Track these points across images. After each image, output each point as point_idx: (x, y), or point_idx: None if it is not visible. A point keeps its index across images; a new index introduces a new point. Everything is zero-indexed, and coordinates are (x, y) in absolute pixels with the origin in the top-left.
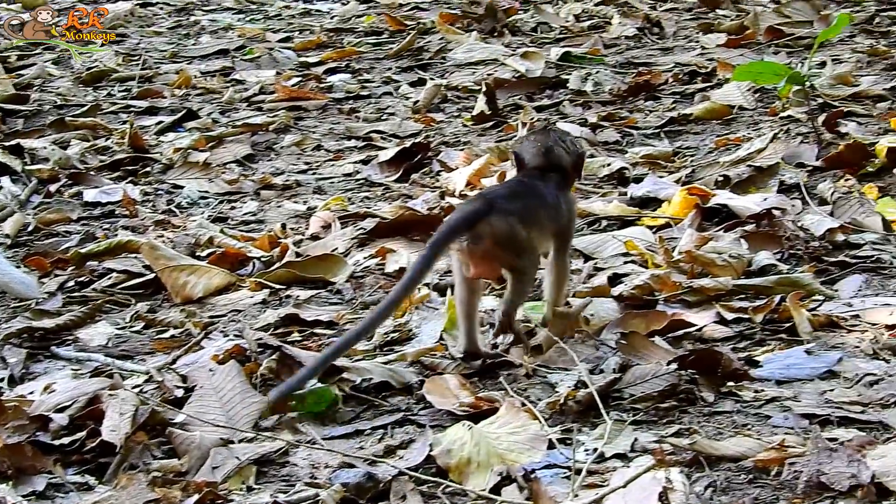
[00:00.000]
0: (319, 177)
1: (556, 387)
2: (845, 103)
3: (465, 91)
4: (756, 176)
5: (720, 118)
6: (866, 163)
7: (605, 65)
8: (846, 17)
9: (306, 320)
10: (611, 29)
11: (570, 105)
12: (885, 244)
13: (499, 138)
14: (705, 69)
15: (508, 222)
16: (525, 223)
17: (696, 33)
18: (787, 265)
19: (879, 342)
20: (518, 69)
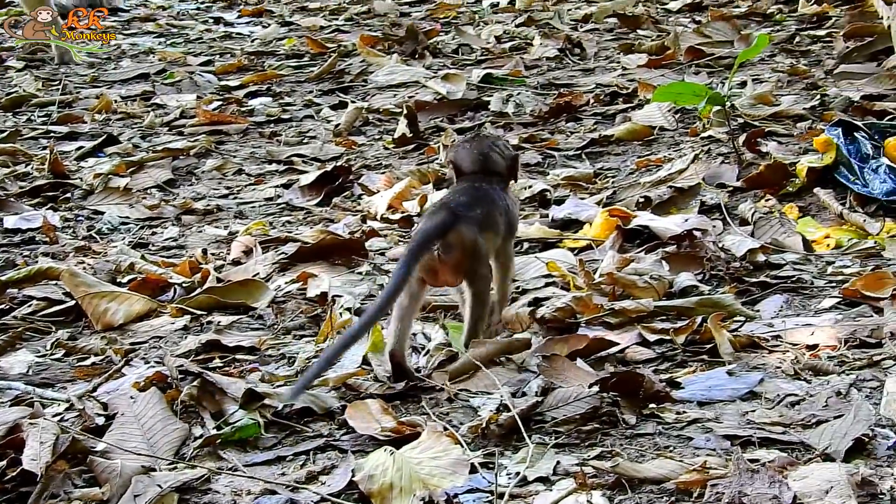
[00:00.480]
0: (240, 201)
1: (479, 411)
2: (766, 123)
3: (387, 114)
4: (677, 197)
5: (641, 139)
6: (787, 183)
7: (526, 86)
8: (766, 38)
9: (227, 346)
10: (532, 50)
11: (492, 127)
12: (806, 264)
13: (420, 161)
14: (626, 90)
15: (475, 231)
16: (485, 230)
17: (616, 54)
18: (708, 286)
19: (800, 362)
20: (439, 91)
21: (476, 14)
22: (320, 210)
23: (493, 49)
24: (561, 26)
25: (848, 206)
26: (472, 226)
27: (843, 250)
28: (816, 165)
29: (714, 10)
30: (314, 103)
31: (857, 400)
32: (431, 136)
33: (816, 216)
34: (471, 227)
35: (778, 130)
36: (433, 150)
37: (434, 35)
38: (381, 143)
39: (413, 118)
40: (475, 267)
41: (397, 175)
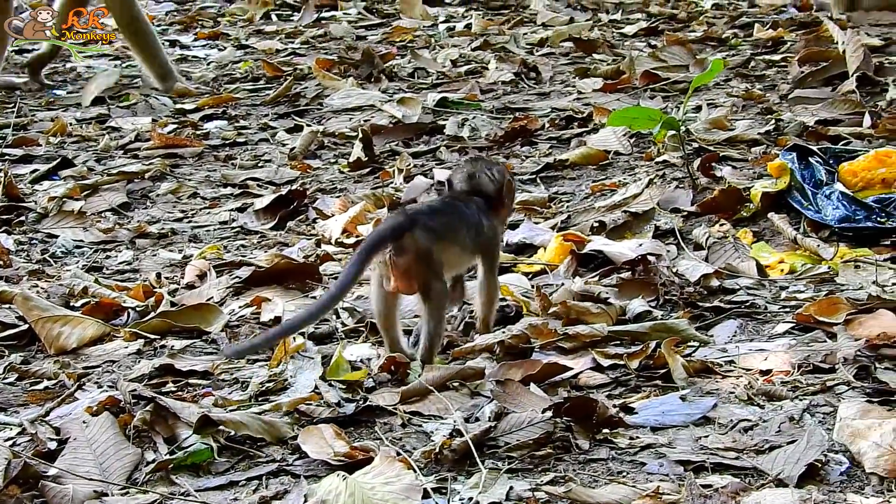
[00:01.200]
0: (195, 225)
1: (432, 436)
2: (720, 148)
3: (342, 137)
4: (631, 221)
5: (596, 163)
6: (741, 208)
7: (481, 110)
8: (720, 63)
9: (181, 371)
10: (488, 74)
11: (447, 151)
12: (760, 289)
13: (375, 185)
14: (581, 114)
15: (430, 239)
16: (442, 239)
17: (572, 78)
18: (661, 311)
19: (754, 388)
20: (395, 115)
21: (432, 38)
22: (275, 234)
23: (449, 73)
24: (517, 50)
25: (802, 232)
26: (426, 232)
27: (796, 276)
28: (771, 190)
29: (670, 34)
30: (269, 127)
31: (810, 425)
32: (387, 159)
33: (770, 241)
34: (425, 234)
35: (732, 155)
36: (388, 174)
37: (390, 59)
38: (337, 167)
39: (368, 142)
40: (428, 277)
41: (352, 199)
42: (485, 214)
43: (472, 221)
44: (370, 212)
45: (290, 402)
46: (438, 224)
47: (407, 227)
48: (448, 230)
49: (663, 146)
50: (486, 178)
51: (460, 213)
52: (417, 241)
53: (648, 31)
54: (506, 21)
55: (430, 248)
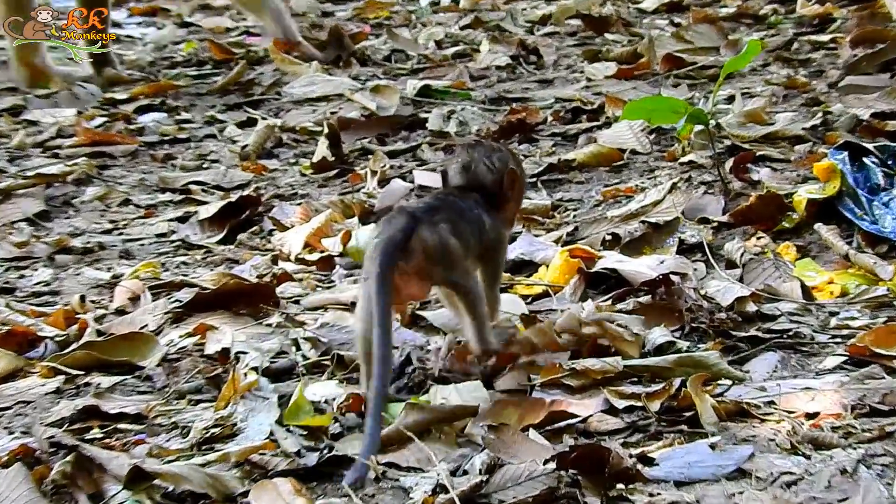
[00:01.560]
0: (127, 238)
1: (411, 492)
2: (757, 145)
3: (304, 133)
4: (651, 234)
5: (609, 164)
6: (782, 217)
7: (471, 100)
8: (758, 44)
9: (109, 413)
10: (479, 58)
11: (430, 149)
12: (805, 315)
13: (344, 190)
14: (591, 105)
15: (438, 233)
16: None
17: (580, 62)
18: (687, 342)
19: (798, 434)
20: (368, 106)
21: (412, 14)
22: (223, 249)
23: (433, 56)
24: (514, 29)
25: (855, 246)
26: (434, 228)
27: (849, 299)
28: (817, 197)
29: (696, 10)
30: (217, 120)
31: (866, 479)
32: (357, 159)
33: (817, 258)
34: (434, 229)
35: (772, 154)
36: (359, 176)
37: (362, 39)
38: (297, 169)
39: (335, 138)
40: (448, 269)
41: (315, 207)
42: (486, 212)
43: (471, 216)
44: (337, 222)
45: (240, 452)
46: (444, 219)
47: (412, 227)
48: (455, 228)
49: (689, 144)
50: (485, 169)
51: (458, 209)
52: (425, 240)
53: (671, 7)
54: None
55: (440, 242)
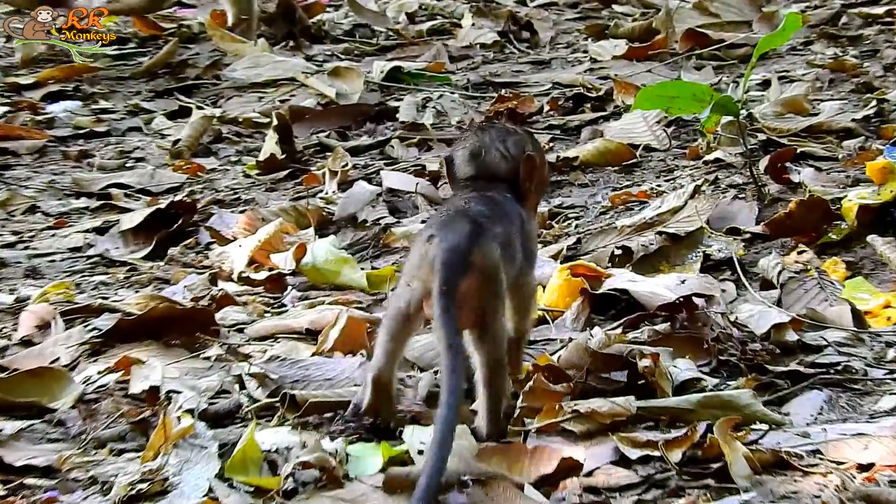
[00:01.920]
0: (33, 253)
1: None
2: (798, 140)
3: (249, 125)
4: (670, 247)
5: (618, 163)
6: (828, 227)
7: (451, 86)
8: (798, 17)
9: (13, 466)
10: (460, 34)
11: (401, 145)
12: (857, 346)
13: (297, 194)
14: (596, 92)
15: (496, 248)
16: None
17: (582, 40)
18: (714, 378)
19: (849, 489)
20: (326, 93)
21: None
22: (150, 266)
23: (405, 32)
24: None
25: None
26: (496, 245)
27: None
28: (871, 202)
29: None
30: (142, 109)
31: None
32: (313, 157)
33: (871, 276)
34: (495, 246)
35: (816, 151)
36: (315, 178)
37: (319, 11)
38: (240, 169)
39: (286, 132)
40: (492, 308)
41: (263, 215)
42: (523, 210)
43: (518, 225)
44: (289, 233)
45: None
46: (500, 234)
47: (477, 235)
48: (508, 244)
49: (715, 138)
50: (498, 155)
51: (508, 216)
52: (486, 255)
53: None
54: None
55: (499, 264)
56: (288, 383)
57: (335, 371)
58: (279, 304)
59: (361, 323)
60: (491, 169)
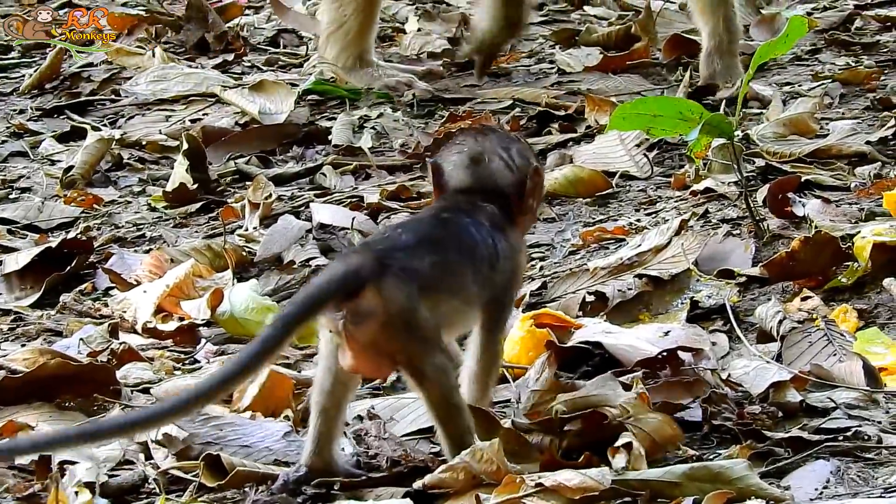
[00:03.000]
0: None
1: None
2: (803, 167)
3: (154, 149)
4: (652, 293)
5: (591, 194)
6: (838, 269)
7: (393, 103)
8: (802, 22)
9: None
10: (404, 41)
11: (335, 171)
12: (870, 408)
13: (211, 231)
14: (565, 109)
15: (409, 292)
16: (430, 292)
17: (549, 47)
18: (703, 446)
19: None
20: (246, 110)
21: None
22: (39, 315)
23: None
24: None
25: None
26: (403, 282)
27: None
28: (888, 240)
29: None
30: (28, 131)
31: None
32: (230, 187)
33: (888, 327)
34: (401, 285)
35: (824, 180)
36: (233, 211)
37: (236, 15)
38: (145, 201)
39: (199, 157)
40: (412, 350)
41: (171, 255)
42: (501, 231)
43: (482, 253)
44: (202, 277)
45: None
46: (424, 266)
47: (368, 273)
48: (441, 274)
49: (705, 165)
50: (502, 165)
51: (460, 240)
52: (387, 298)
53: None
54: None
55: (412, 307)
56: (198, 444)
57: (255, 436)
58: (191, 360)
59: (286, 380)
60: (492, 180)
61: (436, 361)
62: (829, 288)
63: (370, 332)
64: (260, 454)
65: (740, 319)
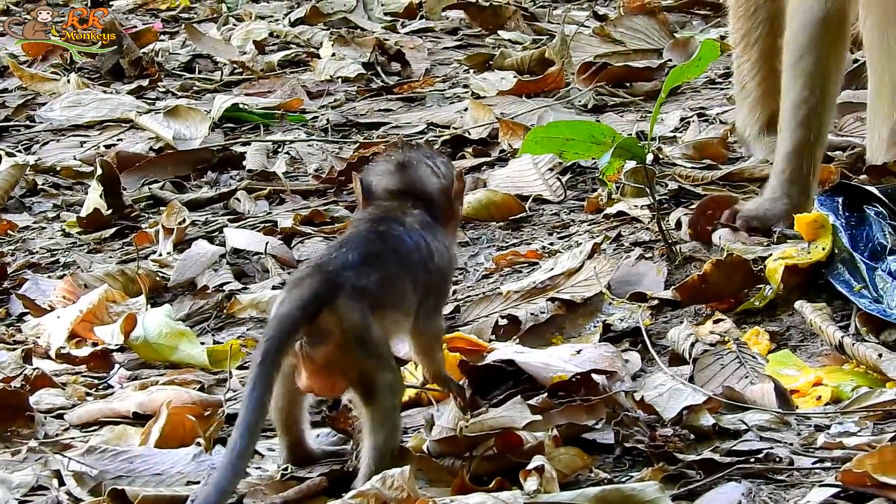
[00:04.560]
0: None
1: None
2: (716, 191)
3: (69, 175)
4: (564, 316)
5: (504, 217)
6: (750, 292)
7: (308, 128)
8: (714, 45)
9: None
10: (318, 66)
11: (249, 197)
12: (781, 430)
13: (125, 256)
14: (479, 134)
15: (363, 310)
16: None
17: (463, 72)
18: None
19: None
20: (161, 136)
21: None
22: None
23: (252, 64)
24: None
25: (852, 333)
26: (356, 301)
27: (843, 407)
28: (800, 263)
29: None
30: None
31: None
32: (144, 212)
33: (800, 349)
34: (354, 304)
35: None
36: (147, 236)
37: (151, 40)
38: (59, 226)
39: (113, 182)
40: (366, 367)
41: (85, 281)
42: (431, 234)
43: (417, 258)
44: (116, 303)
45: None
46: (374, 282)
47: (326, 296)
48: (388, 290)
49: (618, 188)
50: (428, 171)
51: (399, 249)
52: (343, 318)
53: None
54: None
55: (366, 325)
56: (111, 478)
57: (166, 463)
58: (104, 386)
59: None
60: (421, 185)
61: (387, 378)
62: (742, 311)
63: (327, 353)
64: (172, 479)
65: (653, 342)
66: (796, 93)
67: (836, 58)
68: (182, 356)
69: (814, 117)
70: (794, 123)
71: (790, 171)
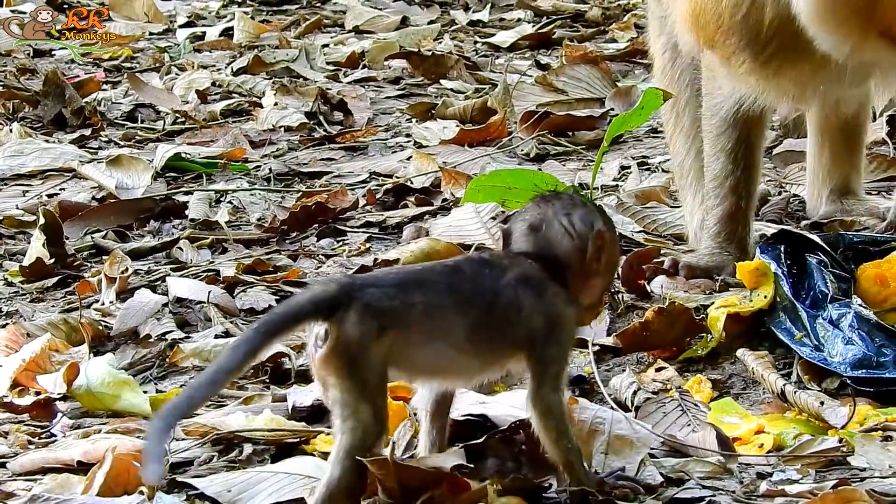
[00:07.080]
0: None
1: None
2: (658, 241)
3: (11, 224)
4: None
5: None
6: (691, 340)
7: (250, 177)
8: (657, 94)
9: None
10: (261, 115)
11: (191, 246)
12: (724, 478)
13: (68, 305)
14: (422, 183)
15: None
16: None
17: (405, 121)
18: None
19: None
20: (103, 185)
21: (165, 52)
22: None
23: (195, 113)
24: (311, 74)
25: (794, 381)
26: (362, 318)
27: (785, 454)
28: (742, 310)
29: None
30: None
31: None
32: (87, 261)
33: (742, 397)
34: (360, 320)
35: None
36: (90, 285)
37: (93, 90)
38: (2, 275)
39: (56, 232)
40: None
41: (27, 330)
42: (534, 289)
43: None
44: (59, 352)
45: None
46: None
47: (337, 303)
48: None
49: None
50: (560, 231)
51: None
52: (342, 329)
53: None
54: (293, 24)
55: (362, 344)
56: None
57: None
58: (47, 434)
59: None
60: (550, 247)
61: (359, 416)
62: (684, 358)
63: (321, 355)
64: None
65: (595, 390)
66: (720, 166)
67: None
68: (125, 405)
69: (741, 185)
70: (722, 193)
71: (725, 234)
